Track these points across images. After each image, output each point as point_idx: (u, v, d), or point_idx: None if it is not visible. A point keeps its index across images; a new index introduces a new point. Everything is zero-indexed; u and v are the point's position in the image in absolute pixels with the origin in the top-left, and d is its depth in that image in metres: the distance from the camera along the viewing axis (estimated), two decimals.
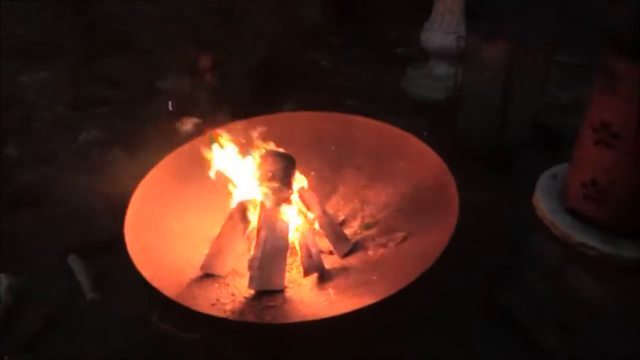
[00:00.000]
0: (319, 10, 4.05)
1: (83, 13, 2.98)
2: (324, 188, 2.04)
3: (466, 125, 2.55)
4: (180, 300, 1.43)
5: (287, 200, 1.66)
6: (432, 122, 2.86)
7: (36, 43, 3.45)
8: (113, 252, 1.70)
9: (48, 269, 2.06)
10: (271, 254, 1.59)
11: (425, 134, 2.79)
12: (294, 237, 1.70)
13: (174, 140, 2.05)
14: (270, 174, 1.65)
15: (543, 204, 1.48)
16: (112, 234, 1.79)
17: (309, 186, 1.96)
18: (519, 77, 2.28)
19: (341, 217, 1.91)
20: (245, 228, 1.68)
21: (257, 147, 1.80)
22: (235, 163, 1.78)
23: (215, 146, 1.78)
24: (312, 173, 2.06)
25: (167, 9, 2.51)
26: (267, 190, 1.64)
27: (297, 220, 1.70)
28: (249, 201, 1.69)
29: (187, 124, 2.15)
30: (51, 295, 1.95)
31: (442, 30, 2.89)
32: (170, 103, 1.87)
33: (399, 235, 1.75)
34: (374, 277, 1.62)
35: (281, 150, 1.76)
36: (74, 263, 2.05)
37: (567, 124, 2.81)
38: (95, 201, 2.34)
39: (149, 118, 2.46)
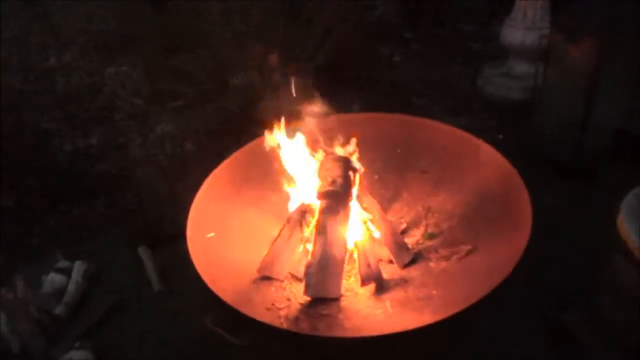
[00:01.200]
0: (392, 5, 3.95)
1: (160, 9, 3.09)
2: (386, 192, 1.99)
3: (544, 129, 2.38)
4: (237, 304, 1.44)
5: (347, 206, 1.63)
6: (509, 123, 2.70)
7: (118, 37, 3.64)
8: (180, 244, 1.74)
9: (118, 257, 2.17)
10: (328, 261, 1.57)
11: (500, 136, 2.66)
12: (352, 245, 1.67)
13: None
14: (330, 179, 1.62)
15: (628, 225, 1.34)
16: (180, 226, 1.83)
17: (371, 190, 1.91)
18: (607, 80, 2.08)
19: (403, 225, 1.85)
20: (304, 232, 1.66)
21: (321, 149, 1.77)
22: (297, 164, 1.76)
23: (279, 145, 1.77)
24: (376, 176, 2.01)
25: (237, 7, 2.54)
26: (327, 195, 1.61)
27: (356, 227, 1.66)
28: (308, 205, 1.67)
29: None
30: (121, 283, 2.06)
31: (524, 26, 2.71)
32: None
33: (464, 248, 1.67)
34: (434, 292, 1.55)
35: (343, 154, 1.72)
36: (144, 254, 2.13)
37: None
38: (165, 193, 2.44)
39: (219, 114, 2.51)
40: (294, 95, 2.09)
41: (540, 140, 2.38)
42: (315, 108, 2.11)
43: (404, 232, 1.84)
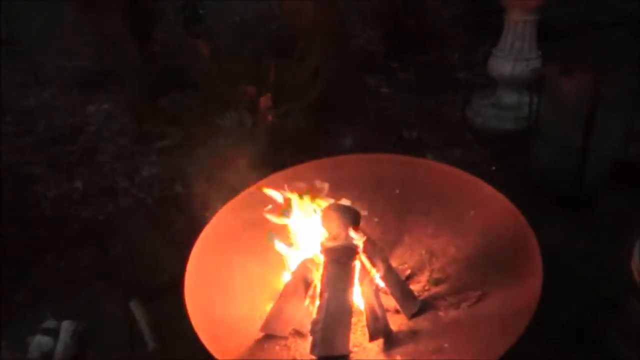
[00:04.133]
0: (376, 33, 3.97)
1: (145, 47, 3.03)
2: (387, 236, 1.93)
3: (541, 160, 2.37)
4: None
5: (352, 258, 1.57)
6: (501, 155, 2.69)
7: (100, 74, 3.57)
8: (175, 295, 1.66)
9: (110, 312, 2.08)
10: (335, 317, 1.50)
11: (493, 168, 2.65)
12: (358, 297, 1.60)
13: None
14: (334, 232, 1.56)
15: None
16: (173, 276, 1.75)
17: (372, 235, 1.86)
18: (602, 111, 2.09)
19: (407, 271, 1.79)
20: (309, 287, 1.59)
21: (320, 197, 1.71)
22: (297, 216, 1.70)
23: (276, 197, 1.71)
24: (376, 219, 1.96)
25: (226, 47, 2.51)
26: (330, 248, 1.55)
27: (361, 278, 1.60)
28: (312, 259, 1.61)
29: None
30: (112, 342, 1.96)
31: (513, 57, 2.72)
32: None
33: (473, 295, 1.61)
34: (446, 345, 1.49)
35: (345, 202, 1.67)
36: (136, 309, 2.05)
37: None
38: (156, 240, 2.35)
39: (209, 155, 2.45)
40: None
41: (538, 171, 2.37)
42: (310, 149, 2.08)
43: (408, 278, 1.78)
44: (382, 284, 1.65)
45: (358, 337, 1.60)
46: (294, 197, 1.70)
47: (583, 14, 3.43)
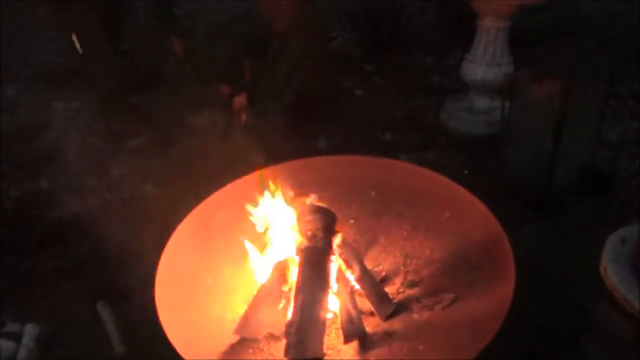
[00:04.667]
0: (350, 36, 3.97)
1: (116, 43, 2.96)
2: (363, 238, 1.93)
3: (512, 165, 2.41)
4: None
5: (328, 261, 1.55)
6: (473, 158, 2.73)
7: (67, 71, 3.46)
8: (144, 298, 1.61)
9: (76, 315, 2.01)
10: (309, 320, 1.48)
11: (465, 172, 2.67)
12: (333, 299, 1.59)
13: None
14: (309, 233, 1.54)
15: (613, 275, 1.33)
16: (142, 279, 1.71)
17: (348, 237, 1.85)
18: (572, 117, 2.13)
19: (382, 273, 1.79)
20: (282, 290, 1.57)
21: (296, 198, 1.69)
22: (272, 216, 1.68)
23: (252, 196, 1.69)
24: (351, 221, 1.95)
25: (200, 45, 2.47)
26: (305, 249, 1.53)
27: (336, 280, 1.59)
28: (287, 261, 1.59)
29: None
30: (78, 346, 1.89)
31: (485, 62, 2.76)
32: None
33: (447, 297, 1.62)
34: (421, 347, 1.49)
35: (321, 204, 1.65)
36: (103, 311, 1.98)
37: (617, 163, 2.65)
38: (125, 241, 2.29)
39: (182, 154, 2.40)
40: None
41: (509, 175, 2.41)
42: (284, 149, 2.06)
43: (383, 280, 1.78)
44: (357, 286, 1.65)
45: (332, 339, 1.59)
46: (268, 199, 1.68)
47: (554, 22, 3.51)
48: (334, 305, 1.60)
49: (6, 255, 2.28)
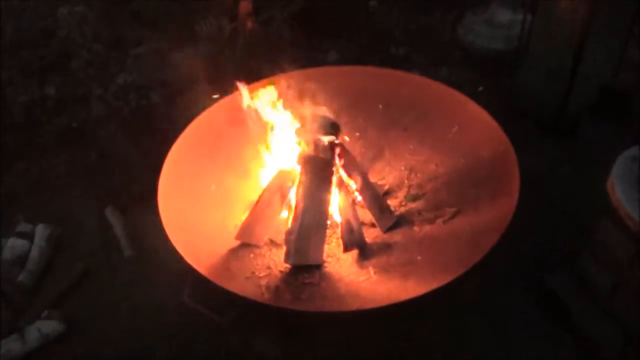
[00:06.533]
0: None
1: None
2: (368, 151, 1.91)
3: (527, 83, 2.31)
4: (215, 275, 1.37)
5: (330, 171, 1.54)
6: (489, 75, 2.61)
7: None
8: (151, 205, 1.63)
9: (84, 219, 2.05)
10: (309, 227, 1.50)
11: (480, 88, 2.58)
12: (334, 209, 1.60)
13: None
14: (312, 142, 1.52)
15: (619, 191, 1.30)
16: (148, 185, 1.71)
17: (352, 149, 1.83)
18: (596, 33, 2.00)
19: (386, 187, 1.79)
20: (284, 197, 1.58)
21: (300, 107, 1.65)
22: (275, 123, 1.65)
23: (255, 103, 1.65)
24: (357, 134, 1.93)
25: None
26: (307, 158, 1.51)
27: (338, 191, 1.59)
28: (289, 169, 1.58)
29: None
30: (87, 248, 1.95)
31: None
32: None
33: (449, 211, 1.62)
34: (419, 257, 1.51)
35: (325, 114, 1.61)
36: (112, 216, 2.02)
37: (639, 85, 2.53)
38: (131, 149, 2.29)
39: (188, 62, 2.33)
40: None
41: (524, 93, 2.32)
42: (291, 60, 1.99)
43: (386, 193, 1.78)
44: (359, 197, 1.64)
45: (333, 248, 1.61)
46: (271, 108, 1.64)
47: None
48: (335, 214, 1.61)
49: (16, 160, 2.31)
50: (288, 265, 1.50)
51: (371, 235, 1.64)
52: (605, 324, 1.48)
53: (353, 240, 1.55)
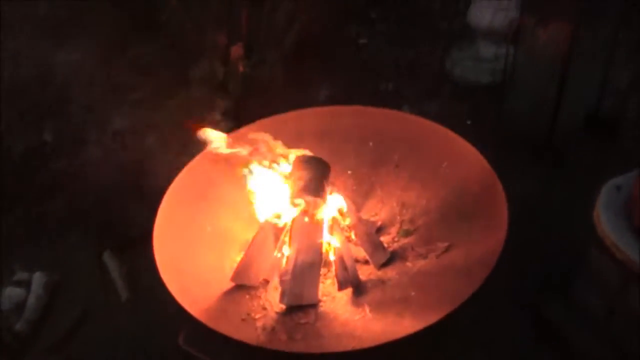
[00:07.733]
0: None
1: None
2: (360, 188, 1.94)
3: (515, 113, 2.37)
4: (210, 318, 1.38)
5: (322, 211, 1.57)
6: (477, 107, 2.67)
7: (67, 23, 3.40)
8: (147, 248, 1.65)
9: (81, 263, 2.07)
10: (303, 268, 1.51)
11: (468, 122, 2.64)
12: (328, 248, 1.62)
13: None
14: (302, 184, 1.55)
15: (605, 221, 1.33)
16: (146, 228, 1.74)
17: (344, 187, 1.87)
18: (578, 64, 2.07)
19: (379, 223, 1.81)
20: (278, 238, 1.60)
21: (289, 150, 1.69)
22: (267, 167, 1.68)
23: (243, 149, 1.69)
24: (349, 172, 1.96)
25: None
26: (299, 201, 1.54)
27: (331, 229, 1.61)
28: (282, 211, 1.61)
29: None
30: (84, 293, 1.96)
31: (494, 6, 2.66)
32: None
33: (441, 245, 1.64)
34: (413, 293, 1.52)
35: (313, 155, 1.65)
36: (109, 260, 2.04)
37: (623, 111, 2.58)
38: (128, 193, 2.32)
39: (183, 107, 2.39)
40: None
41: (513, 123, 2.38)
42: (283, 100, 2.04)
43: (379, 229, 1.80)
44: (352, 235, 1.67)
45: (328, 286, 1.63)
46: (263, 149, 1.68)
47: None
48: (329, 253, 1.63)
49: (14, 206, 2.33)
50: (284, 306, 1.51)
51: (365, 272, 1.66)
52: (602, 349, 1.49)
53: (347, 278, 1.57)
